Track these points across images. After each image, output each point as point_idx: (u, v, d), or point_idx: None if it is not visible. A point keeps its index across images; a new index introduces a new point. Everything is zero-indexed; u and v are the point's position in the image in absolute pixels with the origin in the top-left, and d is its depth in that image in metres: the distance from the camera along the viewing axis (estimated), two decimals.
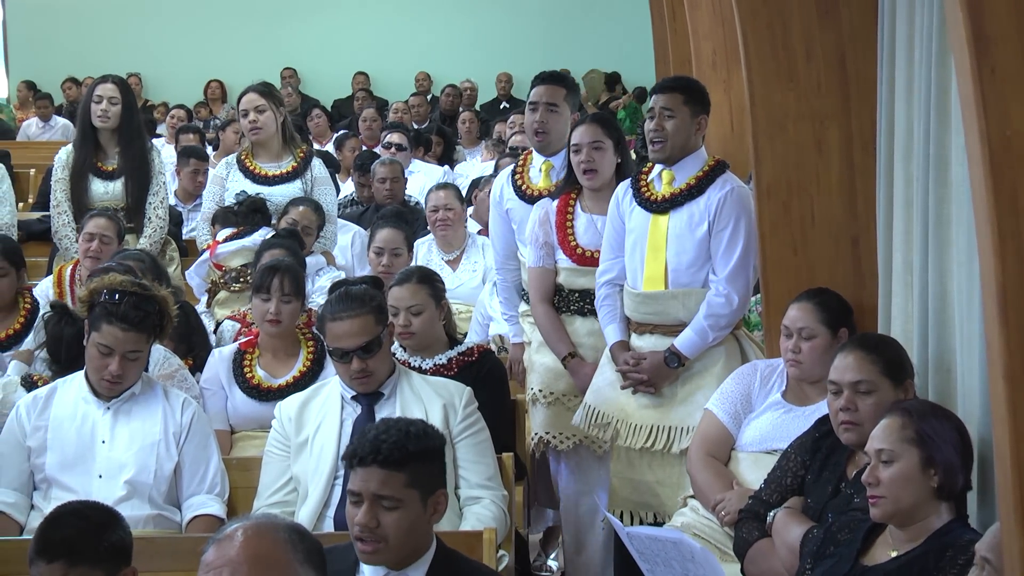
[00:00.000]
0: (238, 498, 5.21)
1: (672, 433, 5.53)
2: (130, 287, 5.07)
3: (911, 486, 3.83)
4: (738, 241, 5.49)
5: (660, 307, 5.58)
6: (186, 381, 5.72)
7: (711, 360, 5.56)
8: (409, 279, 5.72)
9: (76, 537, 3.81)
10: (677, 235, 5.54)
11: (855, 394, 4.34)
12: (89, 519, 3.89)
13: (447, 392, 5.11)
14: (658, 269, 5.56)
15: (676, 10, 11.97)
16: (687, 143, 5.56)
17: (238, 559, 3.02)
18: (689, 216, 5.53)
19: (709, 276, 5.53)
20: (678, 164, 5.57)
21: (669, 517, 5.47)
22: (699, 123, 5.58)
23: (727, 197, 5.49)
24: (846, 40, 5.19)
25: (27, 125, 16.93)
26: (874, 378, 4.34)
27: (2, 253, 6.52)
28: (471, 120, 14.45)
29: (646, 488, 5.61)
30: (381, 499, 3.79)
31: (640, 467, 5.62)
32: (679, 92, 5.57)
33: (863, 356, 4.37)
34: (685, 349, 5.51)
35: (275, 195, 7.75)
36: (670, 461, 5.55)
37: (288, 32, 20.19)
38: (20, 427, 5.07)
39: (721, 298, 5.47)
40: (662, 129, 5.53)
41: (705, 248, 5.52)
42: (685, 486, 5.42)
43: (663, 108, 5.54)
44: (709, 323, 5.48)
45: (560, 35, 20.14)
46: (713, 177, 5.55)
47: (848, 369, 4.37)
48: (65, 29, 19.97)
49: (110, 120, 7.72)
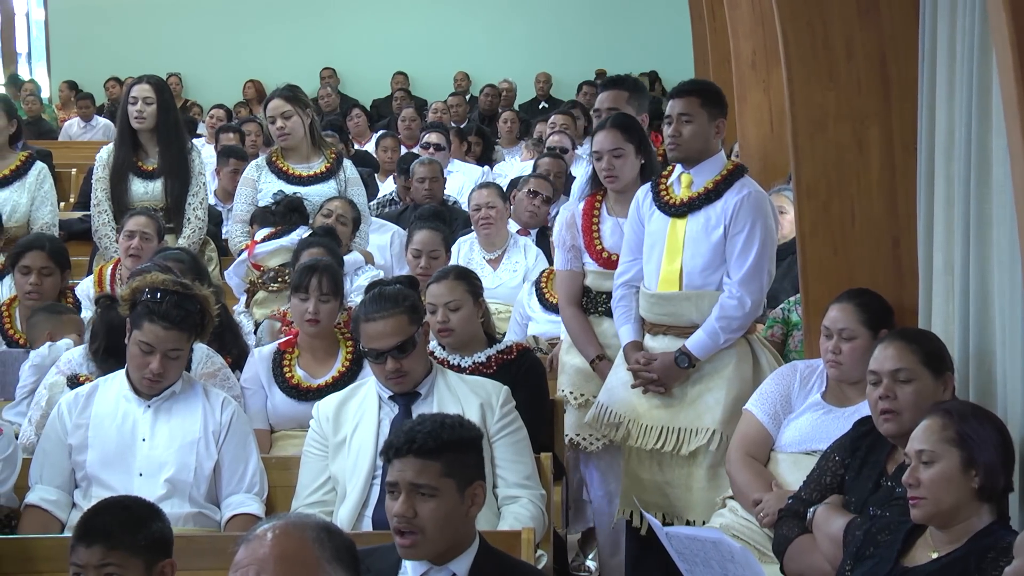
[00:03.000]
0: (277, 497, 5.22)
1: (681, 434, 5.53)
2: (172, 286, 5.09)
3: (952, 487, 3.81)
4: (753, 245, 5.47)
5: (673, 308, 5.58)
6: (228, 380, 5.74)
7: (722, 363, 5.55)
8: (447, 276, 5.73)
9: (116, 525, 3.89)
10: (693, 238, 5.54)
11: (894, 383, 4.34)
12: (130, 510, 3.98)
13: (484, 391, 5.11)
14: (673, 272, 5.56)
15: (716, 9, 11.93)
16: (705, 146, 5.55)
17: (265, 558, 3.06)
18: (706, 220, 5.53)
19: (723, 279, 5.52)
20: (697, 168, 5.56)
21: (678, 518, 5.49)
22: (717, 126, 5.57)
23: (743, 201, 5.48)
24: (887, 39, 5.16)
25: (68, 125, 17.03)
26: (913, 367, 4.33)
27: (49, 253, 6.59)
28: (512, 120, 14.45)
29: (656, 489, 5.61)
30: (417, 488, 3.80)
31: (650, 467, 5.63)
32: (696, 96, 5.56)
33: (903, 346, 4.37)
34: (696, 350, 5.50)
35: (311, 195, 7.78)
36: (679, 462, 5.55)
37: (327, 32, 20.24)
38: (62, 425, 5.10)
39: (734, 300, 5.46)
40: (679, 135, 5.52)
41: (720, 251, 5.51)
42: (694, 487, 5.46)
43: (681, 113, 5.53)
44: (721, 325, 5.47)
45: (599, 34, 20.13)
46: (731, 181, 5.54)
47: (888, 358, 4.37)
48: (106, 30, 20.07)
49: (146, 120, 7.76)
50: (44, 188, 7.95)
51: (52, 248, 6.67)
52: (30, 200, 7.87)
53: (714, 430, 5.44)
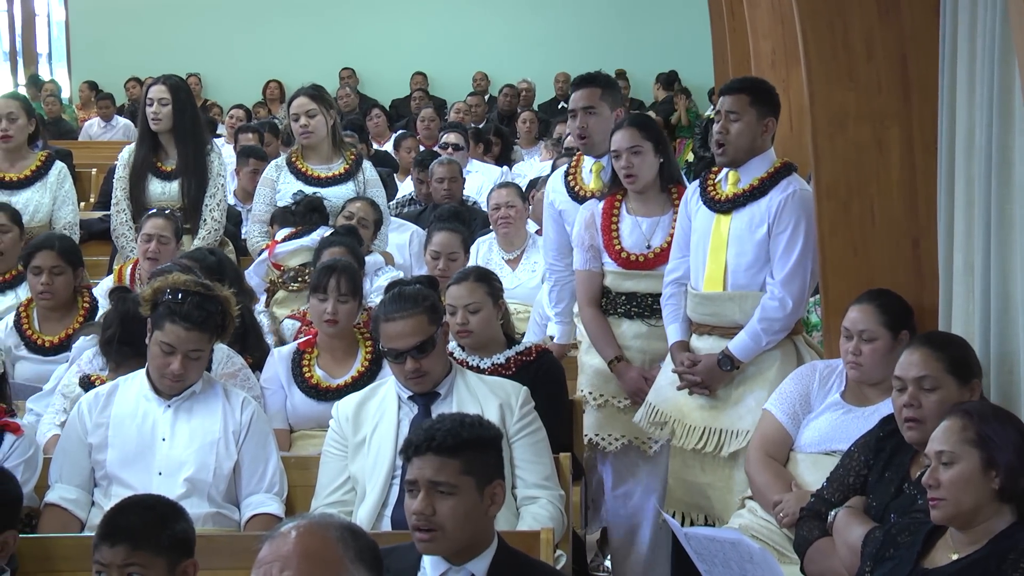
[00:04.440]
0: (296, 497, 5.23)
1: (723, 436, 5.51)
2: (193, 287, 5.10)
3: (972, 488, 3.80)
4: (796, 244, 5.44)
5: (717, 308, 5.56)
6: (248, 380, 5.76)
7: (765, 364, 5.53)
8: (467, 278, 5.72)
9: (140, 525, 3.91)
10: (737, 236, 5.51)
11: (919, 390, 4.32)
12: (155, 509, 4.00)
13: (504, 391, 5.10)
14: (718, 270, 5.53)
15: (735, 9, 11.92)
16: (753, 145, 5.51)
17: (289, 556, 3.06)
18: (750, 217, 5.50)
19: (766, 279, 5.51)
20: (744, 166, 5.53)
21: (719, 520, 5.47)
22: (766, 125, 5.53)
23: (788, 199, 5.44)
24: (907, 39, 5.14)
25: (88, 125, 17.08)
26: (939, 375, 4.31)
27: (58, 252, 6.59)
28: (531, 120, 14.45)
29: (698, 490, 5.60)
30: (436, 485, 3.81)
31: (693, 468, 5.61)
32: (745, 93, 5.53)
33: (929, 353, 4.35)
34: (738, 352, 5.49)
35: (330, 196, 7.79)
36: (721, 464, 5.53)
37: (346, 32, 20.26)
38: (82, 424, 5.11)
39: (775, 302, 5.44)
40: (726, 132, 5.49)
41: (764, 250, 5.49)
42: (735, 489, 5.42)
43: (728, 111, 5.50)
44: (763, 327, 5.45)
45: (618, 34, 20.11)
46: (778, 179, 5.51)
47: (913, 365, 4.34)
48: (126, 30, 20.12)
49: (162, 121, 7.76)
50: (65, 187, 7.97)
51: (62, 247, 6.66)
52: (52, 200, 7.89)
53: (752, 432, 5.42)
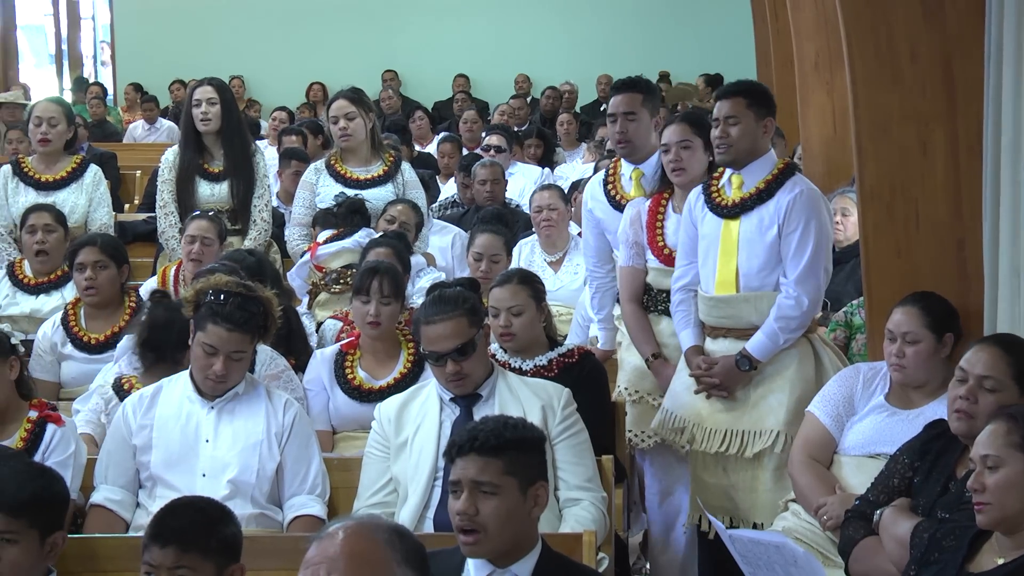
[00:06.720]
0: (339, 498, 5.24)
1: (745, 437, 5.51)
2: (235, 288, 5.12)
3: (1017, 492, 3.78)
4: (808, 243, 5.44)
5: (732, 310, 5.56)
6: (291, 382, 5.78)
7: (784, 364, 5.52)
8: (510, 280, 5.71)
9: (191, 527, 3.93)
10: (748, 239, 5.51)
11: (979, 388, 4.31)
12: (205, 512, 4.02)
13: (545, 393, 5.10)
14: (729, 273, 5.54)
15: (779, 11, 11.89)
16: (754, 147, 5.52)
17: (336, 556, 3.06)
18: (759, 220, 5.50)
19: (780, 279, 5.50)
20: (747, 168, 5.53)
21: (744, 522, 5.47)
22: (765, 126, 5.54)
23: (796, 200, 5.45)
24: (952, 41, 5.12)
25: (133, 127, 17.16)
26: (1003, 379, 4.30)
27: (101, 248, 6.63)
28: (570, 122, 14.45)
29: (721, 492, 5.60)
30: (479, 485, 3.83)
31: (715, 471, 5.61)
32: (742, 97, 5.53)
33: (999, 354, 4.33)
34: (756, 352, 5.48)
35: (369, 198, 7.81)
36: (744, 465, 5.53)
37: (389, 35, 20.31)
38: (126, 425, 5.14)
39: (791, 300, 5.43)
40: (727, 136, 5.49)
41: (775, 251, 5.49)
42: (759, 489, 5.45)
43: (727, 116, 5.50)
44: (779, 326, 5.44)
45: (660, 36, 20.08)
46: (782, 180, 5.51)
47: (980, 362, 4.33)
48: (171, 33, 20.22)
49: (211, 122, 7.81)
50: (100, 190, 8.04)
51: (104, 243, 6.71)
52: (87, 201, 7.97)
53: (778, 432, 5.42)
